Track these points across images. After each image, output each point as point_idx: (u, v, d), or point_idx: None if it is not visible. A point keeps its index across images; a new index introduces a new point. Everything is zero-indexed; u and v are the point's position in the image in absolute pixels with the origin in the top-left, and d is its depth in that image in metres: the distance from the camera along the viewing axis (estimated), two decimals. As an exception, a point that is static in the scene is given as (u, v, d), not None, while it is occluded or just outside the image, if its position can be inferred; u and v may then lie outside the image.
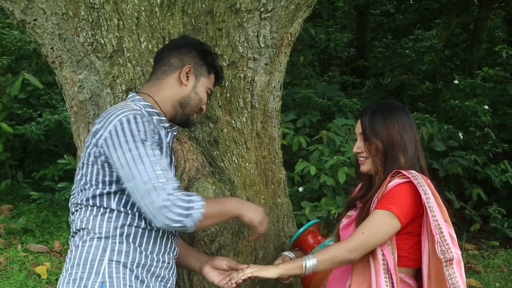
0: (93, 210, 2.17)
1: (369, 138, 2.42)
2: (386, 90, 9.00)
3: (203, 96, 2.36)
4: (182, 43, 2.40)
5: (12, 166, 7.27)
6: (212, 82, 2.41)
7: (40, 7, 2.63)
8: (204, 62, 2.35)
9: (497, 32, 11.97)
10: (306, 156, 5.95)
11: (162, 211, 1.98)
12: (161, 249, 2.24)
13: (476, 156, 6.45)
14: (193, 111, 2.37)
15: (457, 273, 2.25)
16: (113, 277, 2.09)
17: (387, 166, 2.40)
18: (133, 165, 2.01)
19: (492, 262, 5.93)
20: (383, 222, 2.27)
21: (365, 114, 2.48)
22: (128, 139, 2.03)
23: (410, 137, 2.44)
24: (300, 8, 2.84)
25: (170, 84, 2.31)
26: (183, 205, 2.01)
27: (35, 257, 5.48)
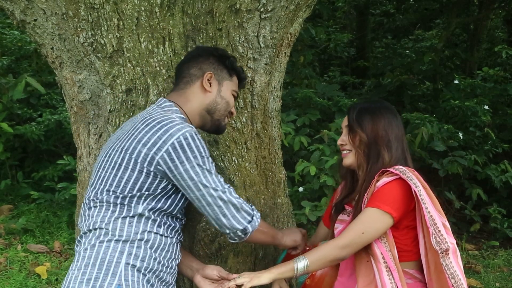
0: (115, 211, 2.18)
1: (354, 129, 2.45)
2: (386, 90, 9.00)
3: (229, 99, 2.40)
4: (198, 52, 2.44)
5: (12, 166, 7.27)
6: (236, 84, 2.45)
7: (40, 7, 2.63)
8: (223, 66, 2.39)
9: (497, 32, 11.98)
10: (306, 156, 5.95)
11: (232, 209, 2.23)
12: (171, 256, 2.30)
13: (476, 156, 6.45)
14: (223, 115, 2.41)
15: (454, 263, 2.26)
16: (129, 280, 2.13)
17: (370, 160, 2.40)
18: (203, 177, 2.17)
19: (492, 262, 5.93)
20: (373, 219, 2.28)
21: (353, 109, 2.52)
22: (196, 155, 2.16)
23: (396, 135, 2.45)
24: (300, 8, 2.84)
25: (195, 93, 2.35)
26: (249, 210, 2.28)
27: (35, 257, 5.48)
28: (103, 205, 2.21)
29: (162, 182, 2.19)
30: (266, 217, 2.93)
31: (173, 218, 2.30)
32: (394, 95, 8.95)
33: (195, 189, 2.18)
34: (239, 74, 2.46)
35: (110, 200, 2.19)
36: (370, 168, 2.40)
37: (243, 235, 2.28)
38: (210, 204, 2.20)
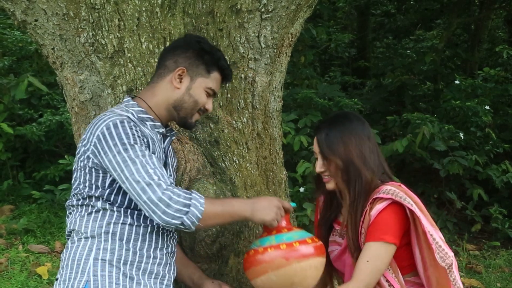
0: (81, 211, 2.18)
1: (327, 157, 2.37)
2: (387, 90, 9.00)
3: (199, 97, 2.28)
4: (179, 43, 2.36)
5: (13, 167, 7.27)
6: (214, 80, 2.32)
7: (41, 7, 2.64)
8: (201, 62, 2.28)
9: (498, 32, 11.97)
10: (307, 157, 5.95)
11: (161, 206, 1.98)
12: (151, 245, 2.20)
13: (477, 156, 6.45)
14: (189, 114, 2.30)
15: (457, 276, 2.26)
16: (98, 275, 2.08)
17: (351, 183, 2.34)
18: (124, 167, 2.02)
19: (493, 262, 5.93)
20: (381, 253, 2.23)
21: (320, 132, 2.43)
22: (117, 142, 2.05)
23: (370, 148, 2.38)
24: (301, 8, 2.84)
25: (163, 88, 2.27)
26: (182, 201, 2.01)
27: (36, 258, 5.49)
28: (73, 209, 2.23)
29: (106, 177, 2.12)
30: (267, 217, 2.92)
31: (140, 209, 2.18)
32: (395, 95, 8.95)
33: (120, 181, 2.06)
34: (222, 69, 2.34)
35: (77, 203, 2.19)
36: (355, 192, 2.32)
37: (186, 228, 2.05)
38: (137, 200, 2.04)
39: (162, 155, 2.28)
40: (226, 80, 2.40)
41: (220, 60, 2.32)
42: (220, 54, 2.35)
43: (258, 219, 2.21)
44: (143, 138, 2.11)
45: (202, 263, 2.72)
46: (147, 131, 2.20)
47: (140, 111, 2.24)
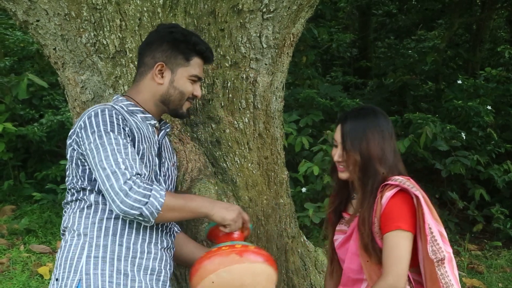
0: (74, 207, 2.17)
1: (348, 150, 2.36)
2: (389, 90, 9.00)
3: (183, 88, 2.27)
4: (153, 38, 2.32)
5: (15, 167, 7.28)
6: (196, 66, 2.29)
7: (43, 8, 2.64)
8: (178, 52, 2.25)
9: (499, 32, 11.98)
10: (309, 157, 5.95)
11: (121, 195, 1.96)
12: (145, 239, 2.17)
13: (478, 156, 6.45)
14: (179, 105, 2.29)
15: (449, 272, 2.24)
16: (90, 274, 2.06)
17: (365, 177, 2.33)
18: (96, 154, 2.02)
19: (495, 262, 5.92)
20: (399, 242, 2.22)
21: (346, 122, 2.40)
22: (95, 130, 2.05)
23: (391, 147, 2.38)
24: (302, 8, 2.84)
25: (147, 85, 2.27)
26: (142, 191, 1.98)
27: (38, 258, 5.49)
28: (68, 206, 2.22)
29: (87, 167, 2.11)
30: (269, 217, 2.93)
31: None
32: (397, 95, 8.95)
33: (92, 168, 2.06)
34: (201, 53, 2.29)
35: (71, 198, 2.19)
36: (370, 186, 2.32)
37: (145, 219, 2.01)
38: (101, 187, 2.02)
39: (155, 146, 2.25)
40: (208, 61, 2.38)
41: (197, 45, 2.27)
42: (195, 38, 2.30)
43: (218, 216, 2.17)
44: (125, 126, 2.09)
45: (203, 263, 2.72)
46: (136, 123, 2.18)
47: (130, 105, 2.24)
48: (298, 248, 3.16)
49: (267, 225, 2.93)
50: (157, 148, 2.28)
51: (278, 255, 2.98)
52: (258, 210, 2.88)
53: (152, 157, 2.21)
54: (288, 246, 3.06)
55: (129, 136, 2.09)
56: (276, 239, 2.98)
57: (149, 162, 2.18)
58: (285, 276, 3.06)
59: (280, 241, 3.01)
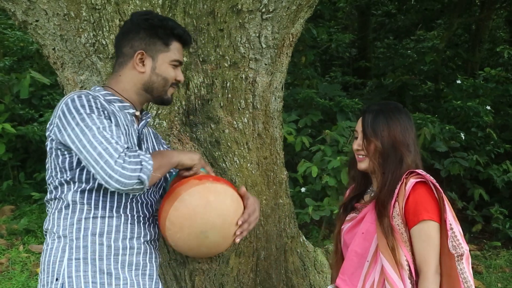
0: (53, 206, 2.15)
1: (369, 137, 2.39)
2: (388, 90, 9.00)
3: (166, 73, 2.24)
4: (129, 27, 2.28)
5: (14, 167, 7.28)
6: (176, 51, 2.26)
7: (42, 8, 2.64)
8: (156, 38, 2.22)
9: (498, 32, 11.98)
10: (308, 157, 5.95)
11: (118, 169, 1.92)
12: (126, 235, 2.15)
13: (478, 156, 6.45)
14: (163, 91, 2.26)
15: (466, 268, 2.26)
16: (72, 276, 2.05)
17: (386, 165, 2.37)
18: (82, 136, 1.98)
19: (494, 262, 5.92)
20: (435, 232, 2.26)
21: (368, 113, 2.44)
22: (74, 115, 2.01)
23: (413, 139, 2.41)
24: (301, 8, 2.84)
25: (128, 75, 2.23)
26: (134, 160, 1.95)
27: (37, 258, 5.48)
28: (48, 205, 2.21)
29: (72, 156, 2.09)
30: (268, 217, 2.93)
31: (112, 195, 2.14)
32: (396, 96, 8.94)
33: (79, 153, 2.00)
34: (179, 37, 2.26)
35: (50, 196, 2.17)
36: (392, 171, 2.35)
37: (141, 185, 1.98)
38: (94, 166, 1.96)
39: (133, 135, 2.22)
40: (187, 45, 2.34)
41: (174, 29, 2.24)
42: (172, 22, 2.27)
43: (188, 159, 2.18)
44: (103, 109, 2.07)
45: (202, 263, 2.73)
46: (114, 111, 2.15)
47: (107, 94, 2.21)
48: (297, 248, 3.17)
49: (266, 225, 2.93)
50: (136, 138, 2.24)
51: (277, 255, 2.98)
52: (257, 210, 2.88)
53: (132, 145, 2.18)
54: (288, 246, 3.07)
55: (108, 118, 2.07)
56: (275, 239, 2.98)
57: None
58: (284, 276, 3.06)
59: (279, 241, 3.01)
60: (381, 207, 2.33)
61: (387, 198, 2.32)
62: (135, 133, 2.23)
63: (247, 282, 2.86)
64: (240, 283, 2.84)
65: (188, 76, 2.73)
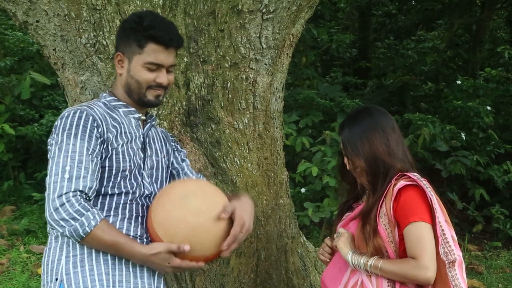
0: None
1: (350, 158, 2.35)
2: (388, 91, 8.99)
3: (139, 76, 2.17)
4: (118, 29, 2.28)
5: (15, 167, 7.28)
6: (151, 53, 2.16)
7: (43, 8, 2.64)
8: (132, 40, 2.16)
9: (499, 33, 11.98)
10: (309, 157, 5.95)
11: (51, 207, 1.95)
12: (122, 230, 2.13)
13: (478, 156, 6.45)
14: (140, 93, 2.20)
15: (459, 275, 2.25)
16: (70, 273, 2.05)
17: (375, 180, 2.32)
18: (51, 158, 2.02)
19: (494, 263, 5.92)
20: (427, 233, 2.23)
21: (343, 131, 2.39)
22: (59, 133, 2.04)
23: (396, 140, 2.37)
24: (302, 9, 2.84)
25: (117, 78, 2.26)
26: (72, 213, 1.95)
27: (38, 258, 5.48)
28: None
29: None
30: (269, 218, 2.93)
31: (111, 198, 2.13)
32: (396, 96, 8.94)
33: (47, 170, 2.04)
34: (155, 38, 2.15)
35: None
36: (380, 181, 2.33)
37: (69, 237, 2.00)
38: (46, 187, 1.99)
39: (137, 140, 2.22)
40: (166, 45, 2.18)
41: (149, 30, 2.14)
42: (148, 23, 2.16)
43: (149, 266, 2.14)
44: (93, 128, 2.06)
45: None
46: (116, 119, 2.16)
47: (113, 100, 2.22)
48: (298, 249, 3.17)
49: (267, 225, 2.93)
50: (140, 142, 2.24)
51: (278, 255, 2.98)
52: (258, 210, 2.88)
53: (134, 151, 2.18)
54: (288, 247, 3.07)
55: (99, 138, 2.07)
56: (276, 240, 2.98)
57: (129, 156, 2.15)
58: (285, 277, 3.06)
59: (280, 242, 3.01)
60: (366, 212, 2.32)
61: (373, 204, 2.31)
62: (139, 139, 2.23)
63: (248, 282, 2.86)
64: (240, 283, 2.84)
65: (189, 76, 2.73)
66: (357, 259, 2.29)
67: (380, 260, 2.24)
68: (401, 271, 2.21)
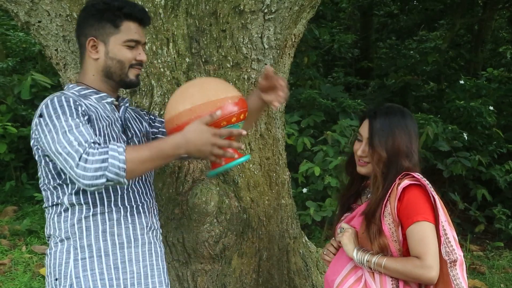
0: (52, 212, 2.15)
1: (375, 146, 2.36)
2: (390, 91, 8.99)
3: (121, 56, 2.16)
4: (80, 17, 2.24)
5: (17, 168, 7.28)
6: (128, 31, 2.16)
7: (45, 9, 2.64)
8: (104, 22, 2.14)
9: (501, 33, 11.97)
10: (310, 157, 5.95)
11: (80, 172, 1.88)
12: (128, 227, 2.14)
13: (480, 156, 6.44)
14: (122, 74, 2.18)
15: (460, 274, 2.26)
16: (80, 277, 2.06)
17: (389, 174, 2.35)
18: (51, 143, 1.96)
19: (496, 263, 5.91)
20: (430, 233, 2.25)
21: (374, 118, 2.40)
22: (47, 121, 1.99)
23: (415, 146, 2.41)
24: (303, 9, 2.84)
25: (88, 64, 2.19)
26: (98, 157, 1.88)
27: (40, 259, 5.49)
28: (47, 212, 2.20)
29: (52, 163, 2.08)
30: (270, 218, 2.93)
31: (108, 190, 2.12)
32: (398, 96, 8.93)
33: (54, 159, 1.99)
34: (130, 15, 2.15)
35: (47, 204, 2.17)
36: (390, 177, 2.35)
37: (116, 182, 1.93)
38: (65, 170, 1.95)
39: (117, 123, 2.20)
40: (143, 21, 2.20)
41: (122, 8, 2.15)
42: (119, 2, 2.16)
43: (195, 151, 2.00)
44: (77, 107, 2.03)
45: (205, 264, 2.73)
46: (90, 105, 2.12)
47: (81, 89, 2.18)
48: (299, 249, 3.16)
49: (269, 225, 2.93)
50: (120, 125, 2.22)
51: (280, 255, 2.98)
52: (259, 211, 2.88)
53: (117, 134, 2.16)
54: (290, 247, 3.07)
55: (85, 115, 2.03)
56: (278, 240, 2.98)
57: (113, 139, 2.13)
58: (287, 277, 3.06)
59: (282, 242, 3.01)
60: (370, 211, 2.32)
61: (378, 203, 2.31)
62: (118, 122, 2.21)
63: (250, 282, 2.86)
64: (242, 283, 2.84)
65: (191, 76, 2.73)
66: (362, 256, 2.30)
67: (384, 258, 2.25)
68: (405, 270, 2.22)
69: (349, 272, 2.38)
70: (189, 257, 2.73)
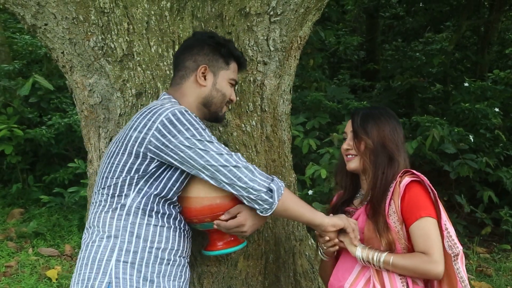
0: (105, 205, 2.18)
1: (359, 135, 2.42)
2: (396, 93, 8.97)
3: (225, 90, 2.37)
4: (192, 42, 2.39)
5: (23, 170, 7.31)
6: (234, 71, 2.41)
7: (51, 11, 2.65)
8: (219, 56, 2.35)
9: (508, 34, 11.92)
10: (316, 159, 5.94)
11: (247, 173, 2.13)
12: (174, 247, 2.23)
13: (487, 158, 6.42)
14: (220, 107, 2.38)
15: (461, 268, 2.29)
16: (120, 278, 2.09)
17: (380, 165, 2.37)
18: (202, 145, 2.11)
19: (503, 265, 5.89)
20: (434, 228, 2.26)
21: (357, 114, 2.48)
22: (188, 127, 2.11)
23: (402, 141, 2.46)
24: (309, 11, 2.84)
25: (190, 88, 2.33)
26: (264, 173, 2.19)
27: (46, 261, 5.50)
28: (97, 200, 2.23)
29: (152, 162, 2.14)
30: (276, 220, 2.93)
31: (169, 206, 2.22)
32: (404, 98, 8.92)
33: (197, 157, 2.11)
34: (238, 59, 2.43)
35: (103, 192, 2.20)
36: (385, 172, 2.36)
37: (270, 198, 2.15)
38: (219, 170, 2.12)
39: None
40: (242, 67, 2.49)
41: (235, 50, 2.41)
42: (233, 44, 2.45)
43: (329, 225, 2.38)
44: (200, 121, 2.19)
45: (211, 266, 2.73)
46: None
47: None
48: (305, 251, 3.16)
49: (275, 228, 2.93)
50: None
51: (286, 258, 2.98)
52: (265, 213, 2.87)
53: None
54: (296, 249, 3.06)
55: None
56: (284, 242, 2.98)
57: None
58: (293, 279, 3.05)
59: (288, 244, 3.01)
60: (376, 205, 2.34)
61: (380, 196, 2.34)
62: None
63: (256, 285, 2.86)
64: (248, 286, 2.84)
65: (196, 79, 2.73)
66: (367, 253, 2.31)
67: (391, 255, 2.26)
68: (413, 266, 2.25)
69: (357, 276, 2.39)
70: (195, 260, 2.73)
